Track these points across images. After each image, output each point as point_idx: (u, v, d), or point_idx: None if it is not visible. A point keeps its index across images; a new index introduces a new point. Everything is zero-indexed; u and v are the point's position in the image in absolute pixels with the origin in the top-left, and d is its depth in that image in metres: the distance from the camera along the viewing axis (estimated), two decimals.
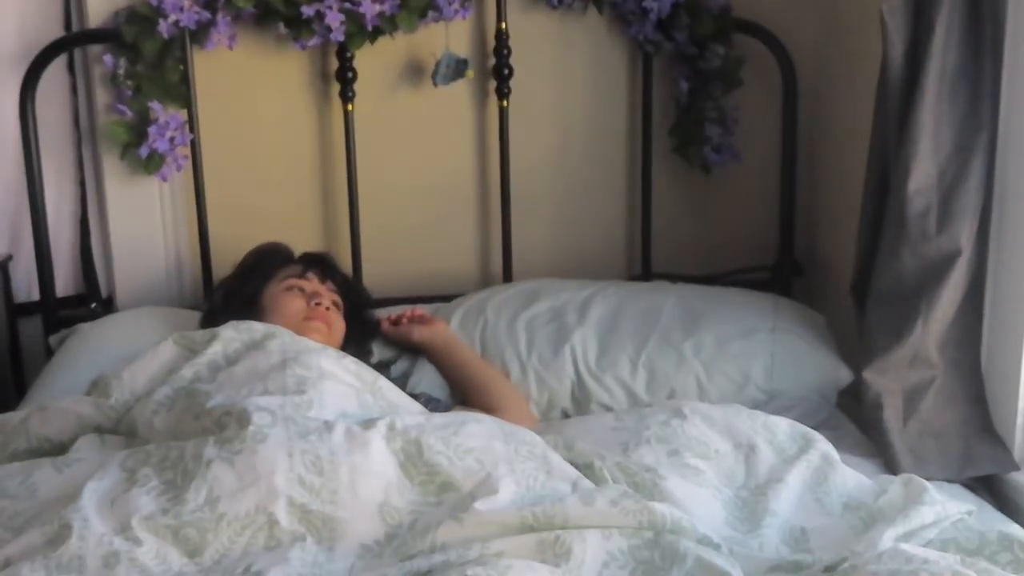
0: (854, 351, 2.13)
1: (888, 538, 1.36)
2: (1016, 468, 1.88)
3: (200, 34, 2.31)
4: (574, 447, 1.54)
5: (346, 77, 2.39)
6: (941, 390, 1.92)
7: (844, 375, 2.10)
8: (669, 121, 2.52)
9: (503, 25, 2.40)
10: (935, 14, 1.83)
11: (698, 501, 1.44)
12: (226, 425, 1.44)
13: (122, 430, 1.65)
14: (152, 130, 2.32)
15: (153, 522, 1.31)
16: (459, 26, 2.41)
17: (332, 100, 2.43)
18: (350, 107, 2.40)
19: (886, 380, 1.92)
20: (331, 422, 1.44)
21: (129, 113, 2.32)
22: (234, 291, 2.12)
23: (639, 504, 1.35)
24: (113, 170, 2.40)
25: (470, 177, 2.54)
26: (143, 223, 2.45)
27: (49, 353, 2.33)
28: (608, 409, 2.05)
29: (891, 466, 1.83)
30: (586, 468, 1.50)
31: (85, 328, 2.29)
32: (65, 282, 2.48)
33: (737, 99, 2.48)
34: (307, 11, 2.29)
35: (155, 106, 2.33)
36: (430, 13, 2.36)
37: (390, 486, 1.39)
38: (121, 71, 2.32)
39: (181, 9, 2.27)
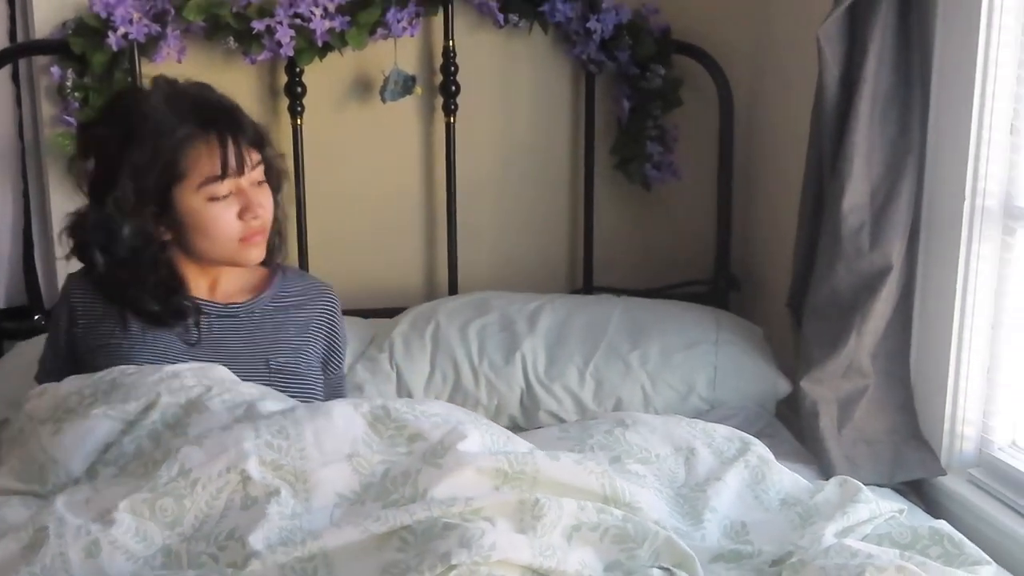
0: (790, 362, 2.22)
1: (829, 533, 1.44)
2: (942, 472, 1.98)
3: (149, 47, 2.33)
4: (513, 437, 1.58)
5: (295, 92, 2.42)
6: (873, 399, 2.01)
7: (782, 386, 2.18)
8: (611, 139, 2.59)
9: (450, 43, 2.45)
10: (868, 41, 1.92)
11: (642, 499, 1.50)
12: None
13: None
14: None
15: (129, 500, 1.32)
16: (407, 44, 2.46)
17: (281, 114, 2.46)
18: (299, 121, 2.44)
19: (822, 389, 2.00)
20: (294, 405, 1.48)
21: (76, 125, 2.32)
22: (134, 190, 1.73)
23: (601, 467, 1.43)
24: (58, 181, 2.40)
25: (416, 191, 2.59)
26: None
27: None
28: (556, 416, 2.11)
29: (827, 471, 1.91)
30: None
31: (23, 347, 2.29)
32: (8, 294, 2.46)
33: (676, 118, 2.56)
34: (258, 26, 2.32)
35: None
36: (379, 30, 2.40)
37: (356, 440, 1.42)
38: (68, 82, 2.32)
39: (131, 22, 2.28)
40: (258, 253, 1.83)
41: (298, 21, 2.34)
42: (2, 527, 1.36)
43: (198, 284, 1.86)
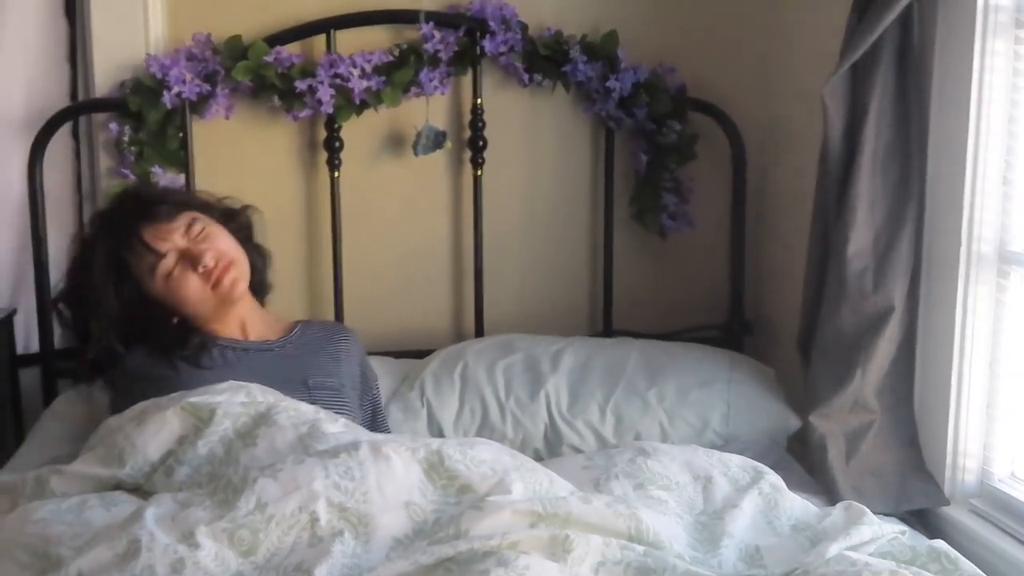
0: (800, 400, 2.34)
1: (833, 551, 1.56)
2: (946, 503, 2.09)
3: (200, 104, 2.50)
4: (555, 480, 1.72)
5: (333, 146, 2.58)
6: (879, 433, 2.13)
7: (793, 422, 2.30)
8: (628, 190, 2.74)
9: (479, 101, 2.62)
10: (869, 99, 2.07)
11: (664, 527, 1.62)
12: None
13: (145, 490, 1.73)
14: None
15: (211, 527, 1.46)
16: (438, 101, 2.63)
17: (319, 167, 2.62)
18: (336, 174, 2.60)
19: (830, 424, 2.12)
20: (356, 441, 1.61)
21: (131, 176, 2.49)
22: (112, 314, 1.98)
23: (629, 509, 1.55)
24: None
25: (445, 239, 2.74)
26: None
27: (47, 402, 2.47)
28: (578, 450, 2.23)
29: (835, 501, 2.00)
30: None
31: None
32: (64, 335, 2.61)
33: (691, 171, 2.70)
34: (300, 86, 2.49)
35: (156, 170, 2.50)
36: (412, 89, 2.57)
37: (413, 488, 1.56)
38: (125, 137, 2.49)
39: (184, 82, 2.45)
40: (234, 285, 2.00)
41: (338, 81, 2.51)
42: (90, 531, 1.49)
43: (229, 328, 2.07)
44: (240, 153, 2.60)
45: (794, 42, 2.64)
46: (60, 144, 2.54)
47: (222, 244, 2.02)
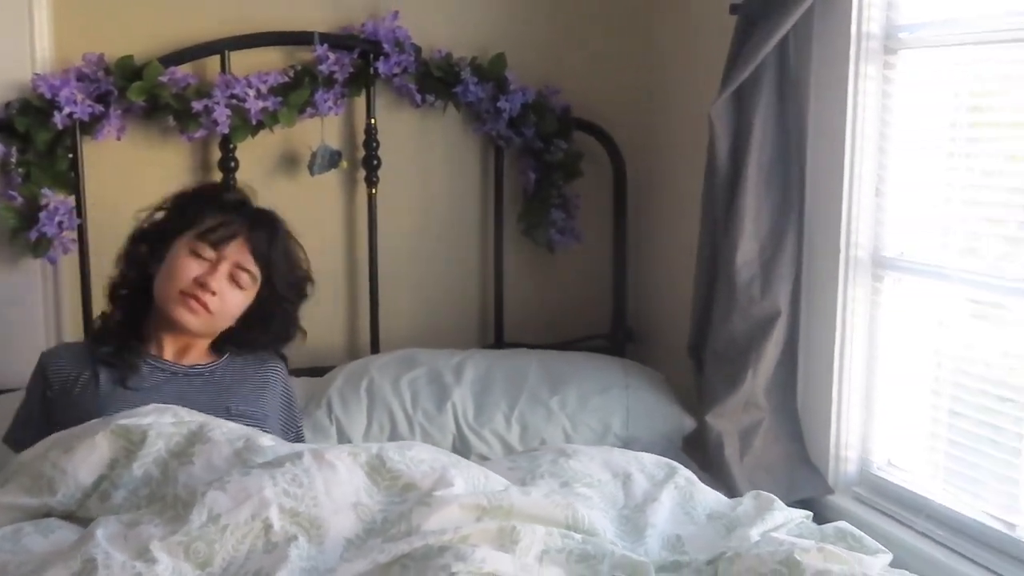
0: (689, 402, 2.48)
1: (755, 534, 1.68)
2: (830, 491, 2.26)
3: (91, 125, 2.47)
4: (490, 475, 1.78)
5: (228, 167, 2.59)
6: (768, 430, 2.29)
7: (688, 423, 2.44)
8: (517, 207, 2.84)
9: (372, 121, 2.67)
10: (753, 119, 2.23)
11: (597, 524, 1.71)
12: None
13: (79, 516, 1.70)
14: (42, 215, 2.43)
15: (165, 542, 1.46)
16: (332, 121, 2.67)
17: None
18: None
19: (725, 423, 2.27)
20: (298, 451, 1.64)
21: (19, 199, 2.43)
22: (157, 228, 2.10)
23: (566, 499, 1.64)
24: None
25: (340, 258, 2.77)
26: (25, 305, 2.53)
27: None
28: (486, 459, 2.30)
29: (733, 494, 2.16)
30: None
31: None
32: None
33: (577, 187, 2.83)
34: (197, 106, 2.49)
35: (45, 192, 2.45)
36: (308, 110, 2.60)
37: (359, 490, 1.60)
38: (12, 159, 2.43)
39: (75, 102, 2.42)
40: (191, 318, 2.02)
41: (234, 101, 2.52)
42: (35, 557, 1.47)
43: (166, 350, 2.09)
44: (132, 174, 2.57)
45: (671, 65, 2.80)
46: None
47: (224, 299, 2.04)
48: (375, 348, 2.74)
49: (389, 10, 2.66)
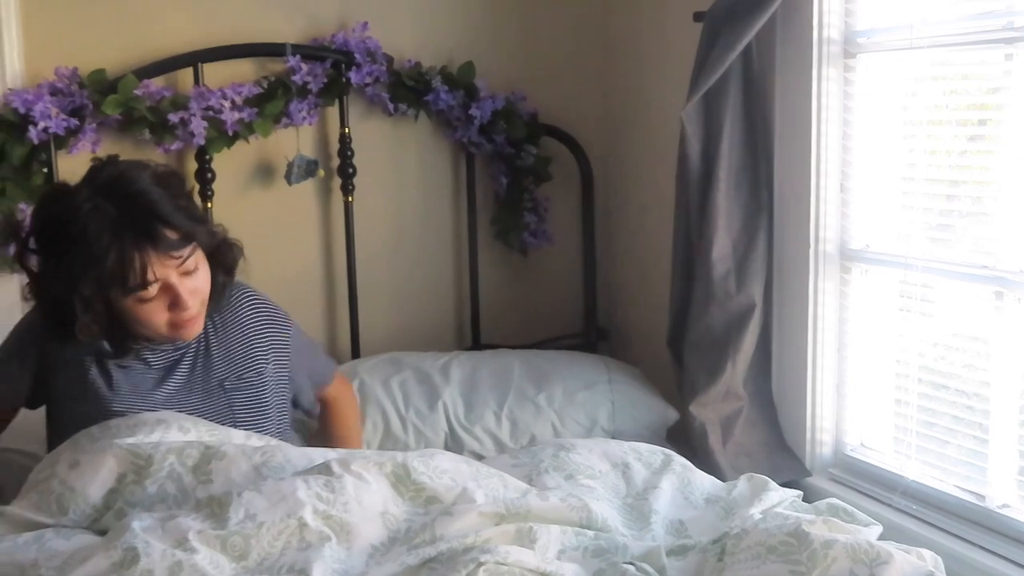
0: (669, 395, 2.58)
1: (755, 513, 1.77)
2: (808, 474, 2.37)
3: (66, 139, 2.47)
4: (507, 481, 1.84)
5: (205, 178, 2.62)
6: (748, 418, 2.39)
7: (672, 414, 2.53)
8: (489, 211, 2.91)
9: (346, 130, 2.72)
10: (723, 121, 2.33)
11: (610, 520, 1.78)
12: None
13: (95, 530, 1.70)
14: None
15: (204, 535, 1.50)
16: (307, 131, 2.71)
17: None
18: (209, 205, 2.63)
19: (707, 412, 2.36)
20: (325, 462, 1.68)
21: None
22: (76, 297, 1.82)
23: (581, 502, 1.71)
24: None
25: (317, 265, 2.82)
26: (4, 320, 2.51)
27: None
28: (478, 456, 2.36)
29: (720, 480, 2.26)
30: None
31: None
32: None
33: (547, 190, 2.91)
34: (173, 118, 2.51)
35: (22, 207, 2.44)
36: (283, 120, 2.64)
37: (387, 500, 1.65)
38: None
39: (50, 117, 2.42)
40: (191, 332, 1.92)
41: (210, 113, 2.55)
42: (64, 553, 1.49)
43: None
44: None
45: (634, 70, 2.90)
46: None
47: (203, 285, 1.91)
48: (356, 353, 2.78)
49: (358, 21, 2.71)
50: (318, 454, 1.80)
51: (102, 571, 1.45)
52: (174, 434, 1.80)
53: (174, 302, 1.86)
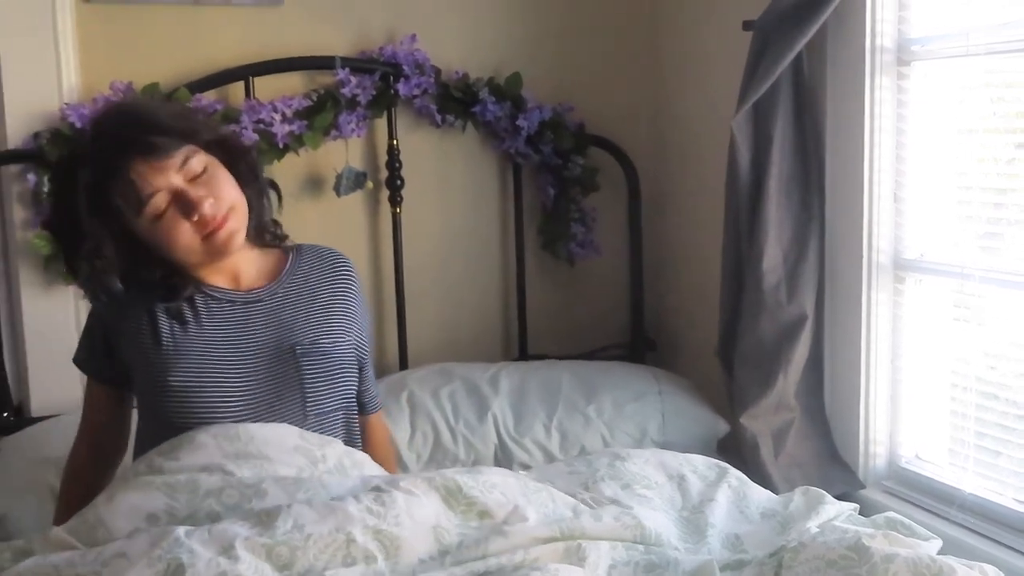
0: (716, 406, 2.56)
1: (812, 527, 1.75)
2: (862, 486, 2.34)
3: None
4: (555, 496, 1.84)
5: None
6: (800, 429, 2.37)
7: (722, 426, 2.51)
8: (536, 222, 2.91)
9: (394, 142, 2.73)
10: (773, 130, 2.32)
11: (661, 524, 1.78)
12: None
13: None
14: None
15: (249, 542, 1.49)
16: (355, 143, 2.73)
17: None
18: None
19: (759, 424, 2.34)
20: (375, 485, 1.68)
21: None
22: (96, 244, 1.71)
23: (634, 520, 1.69)
24: (28, 282, 2.52)
25: (365, 277, 2.82)
26: (60, 332, 2.55)
27: None
28: (527, 467, 2.36)
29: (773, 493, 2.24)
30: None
31: (8, 440, 2.39)
32: None
33: (594, 200, 2.90)
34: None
35: None
36: (332, 132, 2.66)
37: (439, 513, 1.64)
38: (44, 188, 2.45)
39: None
40: (229, 237, 1.74)
41: (261, 126, 2.57)
42: (103, 553, 1.50)
43: (217, 279, 1.83)
44: None
45: (681, 80, 2.89)
46: None
47: (223, 189, 1.73)
48: (404, 363, 2.79)
49: (406, 33, 2.73)
50: (360, 482, 1.78)
51: None
52: (217, 479, 1.69)
53: (185, 208, 1.69)
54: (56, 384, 2.55)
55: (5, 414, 2.54)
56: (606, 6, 2.95)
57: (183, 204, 1.69)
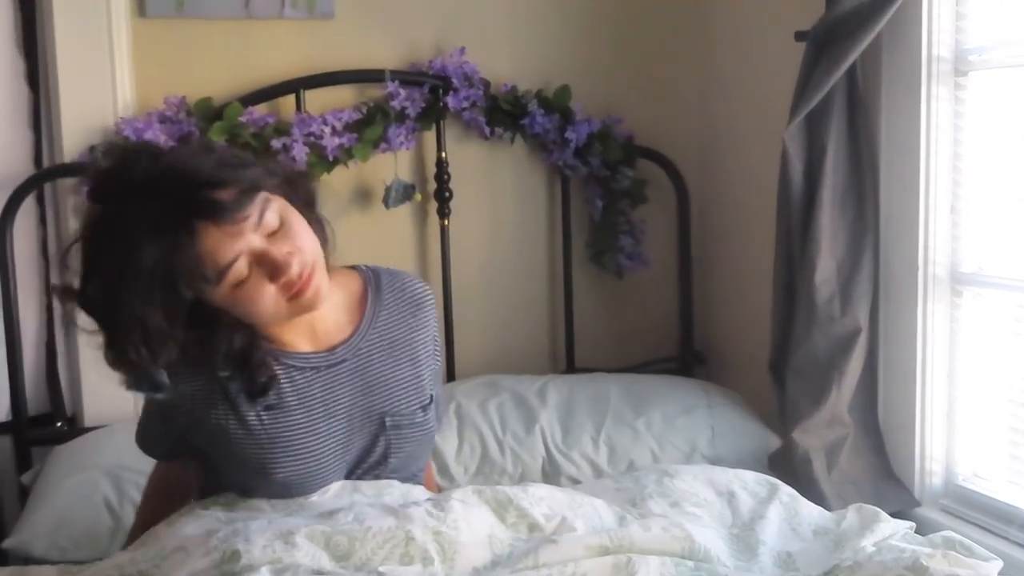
0: (766, 420, 2.53)
1: (867, 545, 1.72)
2: (917, 504, 2.30)
3: None
4: (599, 508, 1.82)
5: None
6: (853, 445, 2.33)
7: (773, 441, 2.48)
8: (584, 234, 2.90)
9: (443, 154, 2.74)
10: (826, 142, 2.29)
11: (711, 540, 1.75)
12: None
13: None
14: None
15: (310, 529, 1.49)
16: (404, 156, 2.73)
17: None
18: None
19: (811, 439, 2.31)
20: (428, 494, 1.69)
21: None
22: (153, 331, 1.40)
23: (684, 531, 1.67)
24: None
25: None
26: None
27: (20, 469, 2.45)
28: (575, 481, 2.34)
29: (826, 510, 2.20)
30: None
31: (61, 449, 2.42)
32: (33, 403, 2.57)
33: (642, 212, 2.89)
34: (276, 144, 2.56)
35: None
36: (381, 144, 2.67)
37: (493, 524, 1.64)
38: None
39: (160, 144, 2.48)
40: (315, 295, 1.49)
41: (311, 139, 2.59)
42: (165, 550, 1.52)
43: (295, 340, 1.59)
44: None
45: (733, 91, 2.86)
46: (23, 210, 2.51)
47: (302, 239, 1.47)
48: (451, 375, 2.78)
49: (455, 46, 2.73)
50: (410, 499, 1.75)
51: (204, 570, 1.43)
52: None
53: (273, 268, 1.43)
54: (109, 395, 2.56)
55: (59, 424, 2.57)
56: (655, 17, 2.93)
57: (266, 265, 1.43)
